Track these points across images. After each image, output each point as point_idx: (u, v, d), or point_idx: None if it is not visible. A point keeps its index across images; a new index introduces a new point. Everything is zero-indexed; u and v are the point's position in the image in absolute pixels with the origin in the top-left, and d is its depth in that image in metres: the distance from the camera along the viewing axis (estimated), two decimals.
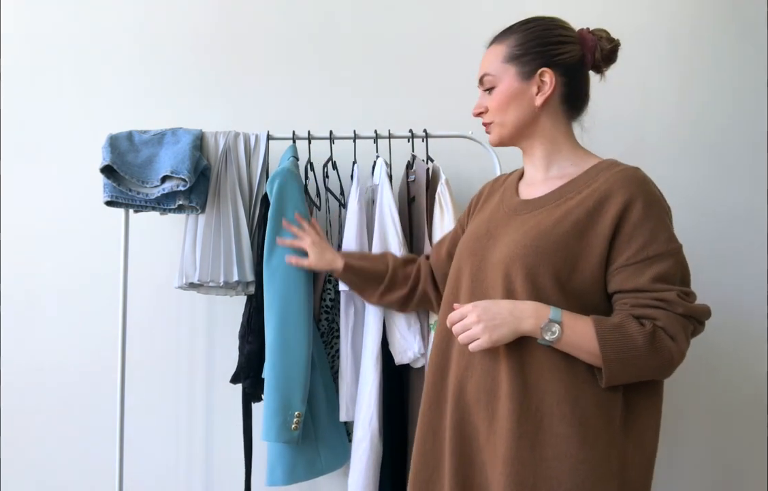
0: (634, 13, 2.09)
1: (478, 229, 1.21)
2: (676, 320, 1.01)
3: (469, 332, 1.06)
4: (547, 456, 1.00)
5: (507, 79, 1.16)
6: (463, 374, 1.12)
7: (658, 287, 1.02)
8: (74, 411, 1.92)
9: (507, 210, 1.19)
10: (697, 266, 2.09)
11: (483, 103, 1.21)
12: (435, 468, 1.15)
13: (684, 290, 1.03)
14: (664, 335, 1.00)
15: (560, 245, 1.04)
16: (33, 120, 1.98)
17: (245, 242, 1.67)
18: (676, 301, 1.01)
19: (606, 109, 2.05)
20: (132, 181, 1.61)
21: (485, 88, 1.20)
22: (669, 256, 1.03)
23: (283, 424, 1.49)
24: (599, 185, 1.07)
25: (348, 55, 2.03)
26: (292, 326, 1.52)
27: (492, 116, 1.19)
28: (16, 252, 1.95)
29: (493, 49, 1.20)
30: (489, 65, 1.19)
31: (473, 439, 1.09)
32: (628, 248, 1.03)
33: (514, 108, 1.16)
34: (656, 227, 1.04)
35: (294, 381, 1.51)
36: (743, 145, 2.10)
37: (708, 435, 2.04)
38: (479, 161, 1.82)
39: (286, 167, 1.61)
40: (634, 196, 1.04)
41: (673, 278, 1.03)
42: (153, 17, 2.01)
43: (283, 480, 1.54)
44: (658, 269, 1.02)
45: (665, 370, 1.03)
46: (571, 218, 1.06)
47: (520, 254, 1.06)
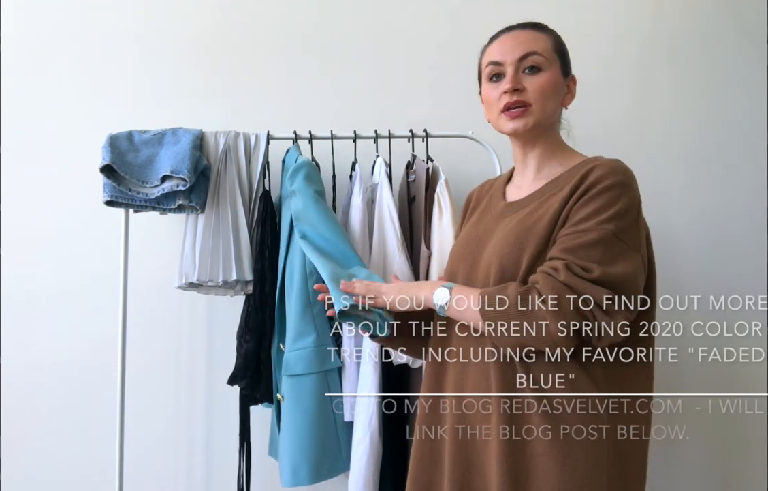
0: (634, 13, 2.09)
1: (468, 235, 1.22)
2: (554, 286, 0.96)
3: (376, 297, 1.13)
4: (537, 452, 1.01)
5: (554, 69, 1.14)
6: (459, 375, 1.13)
7: (560, 255, 1.00)
8: (74, 411, 1.92)
9: (494, 214, 1.19)
10: (697, 266, 2.11)
11: (521, 82, 1.11)
12: (434, 470, 1.15)
13: (581, 263, 0.97)
14: (535, 296, 0.97)
15: (541, 240, 1.05)
16: (33, 120, 1.98)
17: (244, 241, 1.67)
18: (560, 269, 0.97)
19: (606, 109, 2.08)
20: (132, 181, 1.61)
21: (527, 67, 1.12)
22: (593, 232, 0.99)
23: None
24: (580, 175, 1.07)
25: (348, 55, 2.03)
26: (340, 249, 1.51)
27: (533, 99, 1.11)
28: (16, 252, 1.95)
29: (535, 34, 1.14)
30: (538, 45, 1.12)
31: (471, 440, 1.09)
32: (570, 221, 1.03)
33: (554, 100, 1.14)
34: (601, 206, 1.01)
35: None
36: (743, 145, 2.10)
37: (708, 435, 2.04)
38: (479, 161, 1.82)
39: (306, 160, 1.65)
40: (600, 177, 1.03)
41: (585, 253, 0.98)
42: (153, 17, 2.01)
43: (308, 480, 1.54)
44: (576, 241, 0.99)
45: (544, 336, 0.97)
46: (550, 212, 1.06)
47: (505, 252, 1.07)
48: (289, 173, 1.62)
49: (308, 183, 1.59)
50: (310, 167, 1.63)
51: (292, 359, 1.58)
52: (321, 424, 1.57)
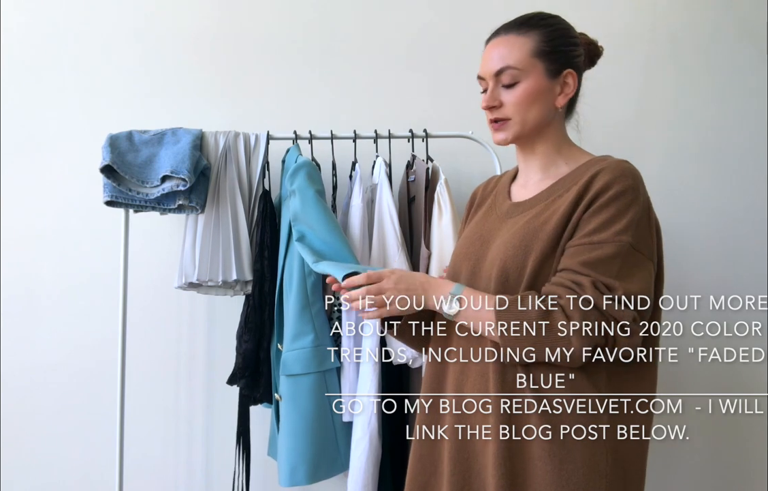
0: (635, 13, 2.09)
1: (472, 234, 1.20)
2: (579, 303, 0.95)
3: (377, 297, 1.06)
4: (535, 455, 1.00)
5: (535, 75, 1.09)
6: (459, 377, 1.12)
7: (580, 269, 0.98)
8: (74, 411, 1.92)
9: (499, 214, 1.17)
10: (697, 266, 2.11)
11: (498, 97, 1.10)
12: (432, 472, 1.15)
13: (605, 281, 0.96)
14: (560, 314, 0.95)
15: (546, 245, 1.03)
16: (33, 120, 1.98)
17: (244, 241, 1.67)
18: (586, 285, 0.95)
19: (606, 109, 2.07)
20: (132, 181, 1.61)
21: (504, 83, 1.10)
22: (610, 245, 0.98)
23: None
24: (587, 178, 1.05)
25: (348, 55, 2.03)
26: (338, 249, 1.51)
27: (511, 113, 1.10)
28: (16, 252, 1.95)
29: (512, 40, 1.10)
30: (512, 57, 1.09)
31: (471, 442, 1.09)
32: (581, 230, 1.01)
33: (537, 107, 1.10)
34: (614, 216, 0.99)
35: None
36: (743, 145, 2.10)
37: (708, 435, 2.04)
38: (479, 161, 1.82)
39: (306, 160, 1.64)
40: (608, 183, 1.01)
41: (605, 268, 0.97)
42: (153, 17, 2.01)
43: (306, 480, 1.54)
44: (593, 254, 0.98)
45: (562, 354, 0.96)
46: (558, 215, 1.04)
47: (510, 255, 1.06)
48: (290, 172, 1.62)
49: (309, 183, 1.59)
50: (311, 167, 1.63)
51: (290, 359, 1.58)
52: (319, 424, 1.57)
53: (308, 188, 1.58)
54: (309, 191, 1.58)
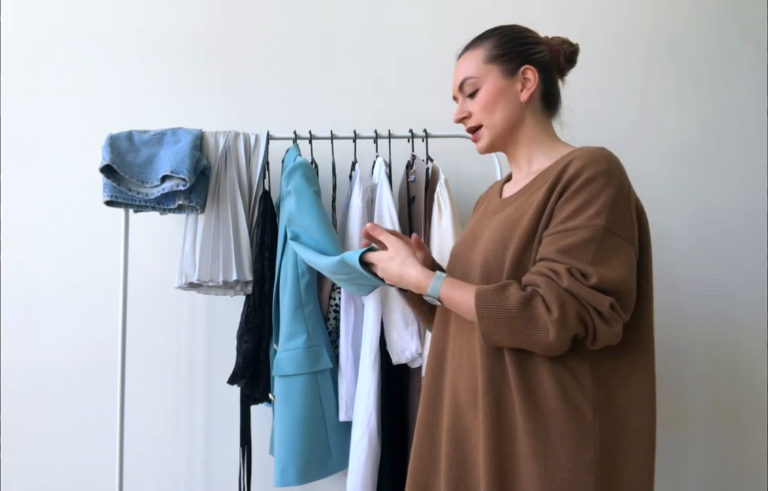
0: (635, 13, 2.09)
1: (466, 233, 1.24)
2: (558, 292, 0.95)
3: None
4: (521, 453, 1.00)
5: (491, 78, 1.16)
6: (455, 375, 1.13)
7: (556, 257, 0.98)
8: (74, 411, 1.92)
9: (489, 212, 1.21)
10: (697, 266, 2.11)
11: (465, 109, 1.19)
12: (432, 471, 1.15)
13: (580, 268, 0.96)
14: (540, 303, 0.96)
15: (523, 236, 1.04)
16: (33, 120, 1.98)
17: (244, 241, 1.67)
18: (562, 274, 0.96)
19: (606, 109, 2.08)
20: (132, 181, 1.61)
21: (467, 94, 1.18)
22: (584, 230, 0.98)
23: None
24: (560, 168, 1.06)
25: (348, 55, 2.03)
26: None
27: (480, 119, 1.17)
28: (16, 252, 1.95)
29: (468, 55, 1.19)
30: (468, 69, 1.18)
31: (466, 440, 1.09)
32: (555, 218, 1.02)
33: (501, 106, 1.15)
34: (587, 201, 1.00)
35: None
36: (743, 145, 2.10)
37: (708, 435, 2.04)
38: (479, 161, 1.82)
39: (303, 160, 1.64)
40: (580, 170, 1.02)
41: (580, 253, 0.97)
42: (153, 17, 2.02)
43: (296, 480, 1.54)
44: (568, 241, 0.98)
45: (542, 342, 0.97)
46: (534, 206, 1.06)
47: (490, 249, 1.08)
48: (286, 173, 1.62)
49: (305, 184, 1.59)
50: (307, 168, 1.63)
51: (283, 360, 1.59)
52: (310, 425, 1.57)
53: (304, 189, 1.58)
54: (305, 192, 1.58)
